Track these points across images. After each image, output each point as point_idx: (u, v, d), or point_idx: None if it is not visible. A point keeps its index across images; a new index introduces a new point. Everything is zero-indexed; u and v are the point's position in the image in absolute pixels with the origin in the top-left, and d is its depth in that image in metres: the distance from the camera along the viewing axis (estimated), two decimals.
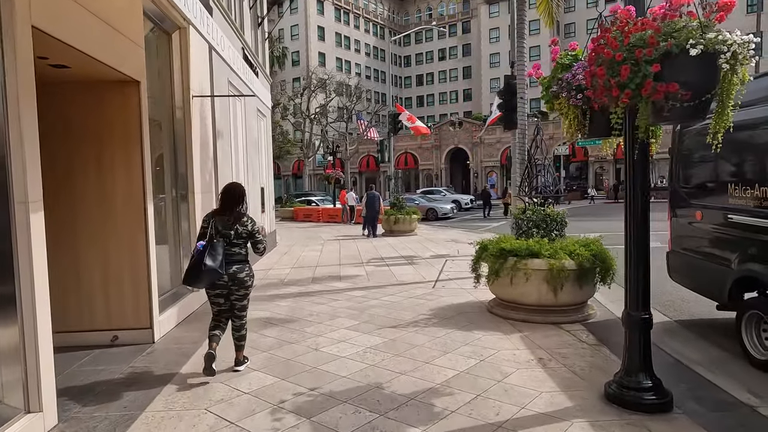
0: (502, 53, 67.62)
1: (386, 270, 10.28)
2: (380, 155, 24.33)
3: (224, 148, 9.06)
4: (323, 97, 43.57)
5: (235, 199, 4.55)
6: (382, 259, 12.07)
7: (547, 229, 6.34)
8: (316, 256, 12.80)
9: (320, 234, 19.51)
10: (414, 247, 14.21)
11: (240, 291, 4.55)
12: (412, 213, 18.32)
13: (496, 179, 52.81)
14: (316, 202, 31.96)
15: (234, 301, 4.59)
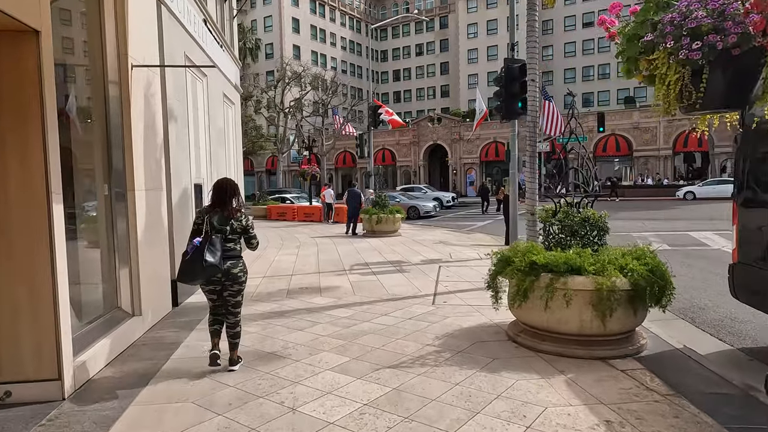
0: (480, 49, 66.96)
1: (373, 280, 8.87)
2: (359, 150, 22.85)
3: (180, 136, 7.51)
4: (298, 90, 41.78)
5: (230, 194, 4.53)
6: (367, 265, 10.66)
7: (586, 236, 5.03)
8: (291, 262, 11.31)
9: (296, 235, 17.97)
10: (400, 251, 12.83)
11: (234, 287, 4.53)
12: (395, 212, 16.95)
13: (476, 176, 51.94)
14: (291, 200, 30.31)
15: (227, 298, 4.55)
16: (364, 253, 12.47)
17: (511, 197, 11.65)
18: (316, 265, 10.75)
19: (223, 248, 4.37)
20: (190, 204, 7.95)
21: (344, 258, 11.75)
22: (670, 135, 43.23)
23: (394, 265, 10.59)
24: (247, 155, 60.14)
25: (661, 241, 13.68)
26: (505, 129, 51.45)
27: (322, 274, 9.59)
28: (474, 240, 15.39)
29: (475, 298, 7.21)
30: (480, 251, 12.49)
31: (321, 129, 40.46)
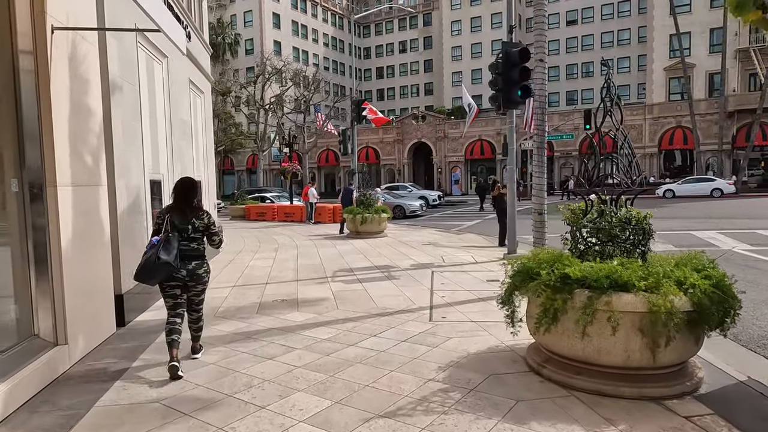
0: (464, 46, 66.26)
1: (359, 289, 7.80)
2: (342, 146, 21.73)
3: (130, 124, 6.34)
4: (278, 86, 40.46)
5: (191, 192, 4.50)
6: (352, 271, 9.57)
7: (627, 242, 4.02)
8: (267, 268, 10.16)
9: (275, 236, 16.79)
10: (388, 254, 11.78)
11: (197, 287, 4.58)
12: (381, 211, 15.88)
13: (461, 175, 51.16)
14: (271, 199, 29.03)
15: (191, 297, 4.61)
16: (348, 257, 11.38)
17: (509, 195, 10.68)
18: (294, 272, 9.63)
19: (185, 248, 4.39)
20: (143, 203, 6.79)
21: (326, 263, 10.65)
22: (656, 133, 42.97)
23: (381, 270, 9.52)
24: (227, 153, 58.71)
25: (665, 241, 12.85)
26: (490, 127, 50.81)
27: (301, 283, 8.48)
28: (465, 241, 14.41)
29: (479, 312, 6.19)
30: (474, 254, 11.50)
31: (302, 126, 39.21)
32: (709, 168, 38.96)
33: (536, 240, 7.00)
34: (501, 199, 13.06)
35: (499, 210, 13.08)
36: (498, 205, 13.09)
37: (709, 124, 39.74)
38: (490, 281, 8.21)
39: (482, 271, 9.25)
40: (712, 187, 31.93)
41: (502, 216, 13.03)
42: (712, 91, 41.73)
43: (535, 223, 6.94)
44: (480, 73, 64.78)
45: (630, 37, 61.80)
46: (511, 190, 10.62)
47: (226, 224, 22.12)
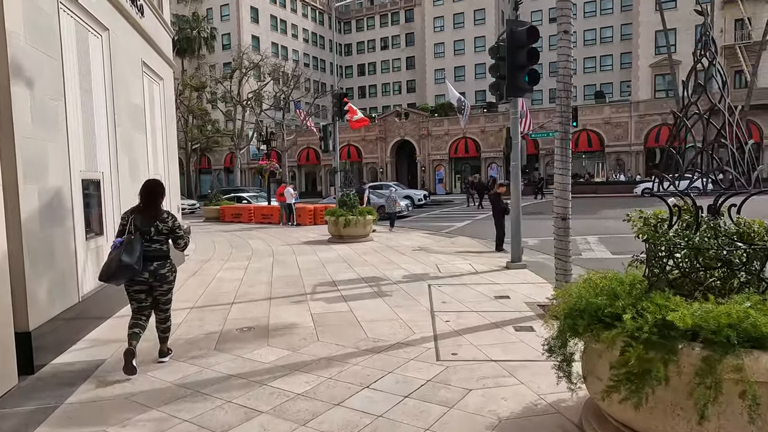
0: (447, 43, 65.27)
1: (344, 310, 6.45)
2: (323, 143, 20.32)
3: (44, 105, 4.89)
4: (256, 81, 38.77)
5: (155, 195, 4.53)
6: (335, 284, 8.22)
7: (745, 269, 2.76)
8: (236, 281, 8.74)
9: (250, 241, 15.32)
10: (376, 262, 10.45)
11: (163, 287, 4.56)
12: (366, 213, 14.54)
13: (445, 173, 50.07)
14: (248, 200, 27.43)
15: (157, 297, 4.59)
16: (330, 267, 10.01)
17: (514, 194, 9.43)
18: (268, 286, 8.23)
19: (147, 249, 4.38)
20: (70, 209, 5.33)
21: (306, 274, 9.27)
22: (642, 130, 42.46)
23: (369, 284, 8.19)
24: (203, 152, 56.64)
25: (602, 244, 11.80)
26: (474, 124, 49.73)
27: (274, 302, 7.10)
28: (458, 245, 13.16)
29: (497, 345, 4.90)
30: (472, 261, 10.24)
31: (281, 123, 37.61)
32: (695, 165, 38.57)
33: (559, 252, 5.74)
34: (499, 200, 11.83)
35: (496, 211, 11.86)
36: (496, 206, 11.86)
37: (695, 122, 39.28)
38: (498, 298, 6.94)
39: (485, 283, 7.99)
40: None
41: (500, 218, 11.82)
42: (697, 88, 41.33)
43: (557, 232, 5.69)
44: (463, 70, 63.94)
45: (613, 35, 61.59)
46: (516, 188, 9.37)
47: (198, 227, 20.54)
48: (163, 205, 4.61)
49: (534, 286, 7.73)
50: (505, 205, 11.77)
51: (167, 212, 4.60)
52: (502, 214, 11.77)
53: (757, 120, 37.30)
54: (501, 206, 11.68)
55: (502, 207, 11.69)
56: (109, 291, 5.67)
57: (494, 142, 47.63)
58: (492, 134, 47.87)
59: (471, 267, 9.57)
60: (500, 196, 11.91)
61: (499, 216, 11.80)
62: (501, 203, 11.72)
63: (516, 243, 9.30)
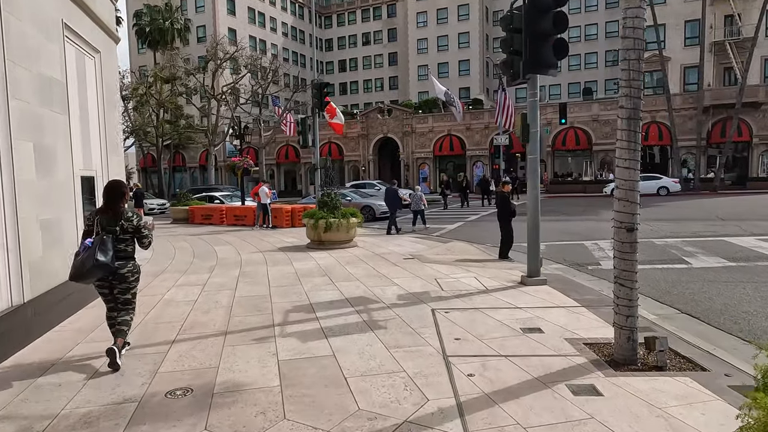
0: (430, 39, 63.82)
1: (324, 355, 4.70)
2: (302, 138, 18.47)
3: None
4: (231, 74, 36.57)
5: (117, 196, 4.57)
6: (312, 309, 6.45)
7: None
8: (187, 304, 6.91)
9: (217, 247, 13.43)
10: (362, 276, 8.71)
11: (121, 285, 4.61)
12: (350, 215, 12.79)
13: (429, 172, 48.47)
14: (221, 199, 25.41)
15: (117, 295, 4.64)
16: (308, 282, 8.24)
17: (531, 193, 7.77)
18: (226, 312, 6.43)
19: (116, 248, 4.45)
20: None
21: (277, 293, 7.48)
22: None
23: (356, 307, 6.45)
24: (177, 149, 54.02)
25: (705, 251, 10.34)
26: (459, 122, 48.25)
27: (230, 339, 5.30)
28: (456, 252, 11.51)
29: (559, 426, 3.21)
30: (477, 273, 8.59)
31: (258, 118, 35.54)
32: (685, 164, 37.68)
33: (622, 276, 4.12)
34: (506, 201, 10.21)
35: (503, 213, 10.23)
36: (502, 208, 10.23)
37: (684, 120, 38.46)
38: (527, 332, 5.28)
39: (503, 307, 6.33)
40: (659, 185, 31.44)
41: (507, 222, 10.20)
42: (686, 86, 40.56)
43: (620, 248, 4.05)
44: (446, 66, 62.52)
45: (597, 32, 60.88)
46: (533, 187, 7.72)
47: (163, 230, 18.52)
48: (124, 206, 4.60)
49: (567, 312, 6.09)
50: (513, 207, 10.17)
51: (132, 212, 4.67)
52: (509, 216, 10.17)
53: (747, 118, 36.58)
54: (509, 208, 10.08)
55: (511, 209, 10.09)
56: None
57: (480, 140, 46.26)
58: (477, 131, 46.51)
59: (478, 282, 7.91)
60: (508, 197, 10.29)
61: (506, 219, 10.19)
62: (509, 205, 10.11)
63: (534, 254, 7.66)
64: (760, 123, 37.25)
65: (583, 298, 6.77)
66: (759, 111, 36.73)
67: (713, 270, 8.70)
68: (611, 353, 4.56)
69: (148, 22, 49.19)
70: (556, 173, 44.36)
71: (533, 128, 7.54)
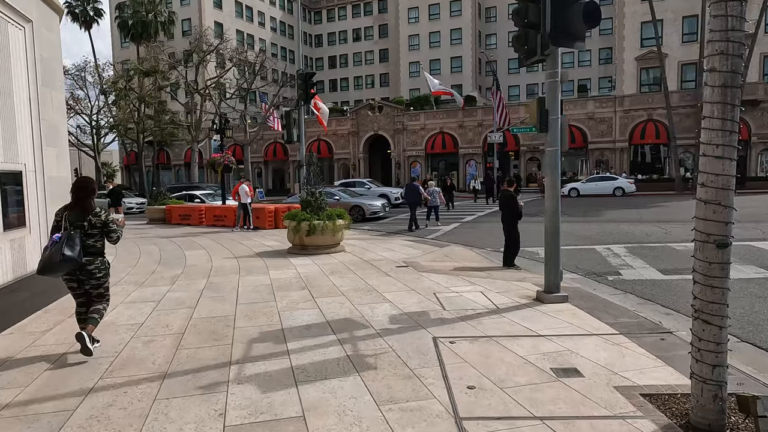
0: (422, 35, 62.63)
1: (289, 414, 3.39)
2: (286, 132, 17.12)
3: None
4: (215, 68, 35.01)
5: (85, 192, 4.63)
6: (283, 338, 5.14)
7: None
8: (131, 327, 5.56)
9: (189, 251, 12.05)
10: (348, 288, 7.40)
11: (91, 281, 4.65)
12: (336, 216, 11.47)
13: (420, 170, 47.25)
14: (202, 198, 23.97)
15: (88, 290, 4.72)
16: (283, 298, 6.92)
17: (550, 194, 6.51)
18: (174, 342, 5.09)
19: (84, 244, 4.49)
20: None
21: (243, 313, 6.15)
22: (627, 126, 40.56)
23: (339, 335, 5.15)
24: (161, 146, 52.26)
25: (733, 258, 9.16)
26: (452, 119, 46.97)
27: (167, 385, 3.97)
28: (454, 258, 10.25)
29: None
30: (482, 286, 7.32)
31: (243, 113, 34.06)
32: (682, 163, 36.78)
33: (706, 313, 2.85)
34: (512, 201, 8.97)
35: (508, 215, 9.00)
36: (508, 209, 8.99)
37: (681, 118, 37.55)
38: (561, 373, 4.02)
39: (523, 335, 5.07)
40: (614, 186, 31.99)
41: (513, 224, 8.97)
42: (683, 83, 39.66)
43: (703, 269, 2.77)
44: (438, 63, 61.35)
45: (591, 31, 60.05)
46: (553, 186, 6.45)
47: (135, 231, 17.09)
48: (94, 203, 4.69)
49: (604, 342, 4.84)
50: (520, 208, 8.93)
51: (100, 207, 4.73)
52: (515, 218, 8.94)
53: (745, 117, 35.73)
54: (515, 209, 8.84)
55: (517, 210, 8.85)
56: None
57: (473, 138, 45.14)
58: (471, 129, 45.38)
59: (485, 299, 6.65)
60: (514, 197, 9.05)
61: (512, 222, 8.95)
62: (515, 205, 8.87)
63: (553, 265, 6.40)
64: (758, 121, 36.46)
65: (618, 321, 5.53)
66: (757, 109, 35.94)
67: (755, 282, 7.52)
68: (684, 412, 3.33)
69: (130, 15, 47.39)
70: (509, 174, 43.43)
71: (553, 114, 6.28)
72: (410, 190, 16.75)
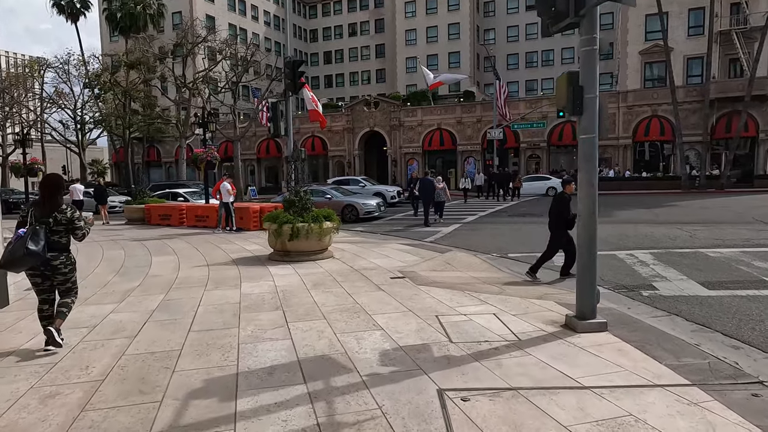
0: (419, 30, 61.25)
1: None
2: (273, 125, 15.69)
3: None
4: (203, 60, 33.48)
5: (51, 189, 4.69)
6: (235, 387, 3.76)
7: None
8: (34, 374, 4.16)
9: (157, 258, 10.65)
10: (331, 308, 6.03)
11: (57, 276, 4.73)
12: (323, 218, 10.09)
13: (417, 168, 45.88)
14: (186, 197, 22.54)
15: (56, 285, 4.79)
16: (250, 322, 5.54)
17: (584, 194, 5.13)
18: (83, 396, 3.69)
19: (49, 240, 4.53)
20: None
21: (193, 347, 4.76)
22: (630, 123, 39.30)
23: (311, 386, 3.78)
24: (151, 143, 50.68)
25: None
26: (450, 115, 45.48)
27: None
28: (458, 266, 8.91)
29: None
30: (498, 307, 5.96)
31: (233, 107, 32.61)
32: (687, 160, 35.53)
33: None
34: (566, 206, 7.60)
35: (558, 221, 7.63)
36: (560, 213, 7.61)
37: (687, 114, 36.30)
38: None
39: (561, 387, 3.72)
40: (547, 185, 31.42)
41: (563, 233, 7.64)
42: (688, 77, 38.38)
43: None
44: (436, 59, 59.91)
45: None
46: (588, 182, 5.08)
47: (110, 232, 15.66)
48: (61, 199, 4.74)
49: (677, 401, 3.47)
50: (572, 214, 7.53)
51: (67, 204, 4.75)
52: (566, 225, 7.61)
53: (753, 113, 34.51)
54: (569, 214, 7.51)
55: (569, 216, 7.51)
56: None
57: (472, 134, 43.79)
58: (469, 125, 44.02)
59: (501, 324, 5.30)
60: (568, 199, 7.67)
61: (561, 228, 7.64)
62: (568, 210, 7.54)
63: (588, 284, 5.03)
64: (766, 117, 35.24)
65: (682, 362, 4.18)
66: (766, 105, 34.69)
67: None
68: None
69: (118, 7, 45.74)
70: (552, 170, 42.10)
71: (590, 92, 4.91)
72: (425, 185, 16.36)
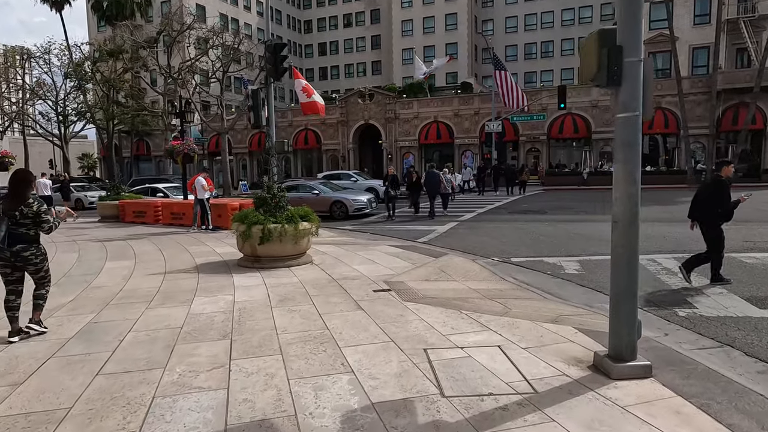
0: (416, 21, 59.80)
1: None
2: (253, 114, 14.33)
3: None
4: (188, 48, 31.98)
5: (18, 183, 4.83)
6: None
7: None
8: None
9: (113, 262, 9.31)
10: (292, 338, 4.72)
11: (29, 268, 4.93)
12: (299, 217, 8.77)
13: (414, 162, 44.51)
14: (165, 192, 21.16)
15: (30, 274, 4.99)
16: (183, 359, 4.23)
17: (622, 192, 3.80)
18: None
19: (14, 232, 4.71)
20: None
21: (90, 399, 3.45)
22: None
23: None
24: (140, 136, 49.14)
25: None
26: (447, 107, 43.92)
27: None
28: (452, 274, 7.61)
29: None
30: (504, 336, 4.66)
31: (220, 99, 31.19)
32: (693, 155, 34.25)
33: None
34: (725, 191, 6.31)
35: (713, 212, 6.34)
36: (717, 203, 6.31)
37: (693, 106, 34.99)
38: None
39: None
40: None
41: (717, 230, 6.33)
42: (694, 68, 37.09)
43: None
44: (433, 50, 58.43)
45: (592, 15, 57.55)
46: (628, 178, 3.76)
47: (75, 230, 14.29)
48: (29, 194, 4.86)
49: None
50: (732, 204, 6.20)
51: (34, 198, 4.88)
52: (725, 217, 6.32)
53: (762, 104, 33.25)
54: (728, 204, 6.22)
55: (731, 205, 6.22)
56: None
57: (469, 127, 42.40)
58: (467, 118, 42.62)
59: (509, 363, 4.02)
60: (727, 185, 6.39)
61: (716, 221, 6.33)
62: (729, 197, 6.27)
63: (627, 315, 3.74)
64: None
65: None
66: None
67: None
68: None
69: None
70: (550, 164, 40.94)
71: (632, 55, 3.58)
72: (430, 178, 16.31)
